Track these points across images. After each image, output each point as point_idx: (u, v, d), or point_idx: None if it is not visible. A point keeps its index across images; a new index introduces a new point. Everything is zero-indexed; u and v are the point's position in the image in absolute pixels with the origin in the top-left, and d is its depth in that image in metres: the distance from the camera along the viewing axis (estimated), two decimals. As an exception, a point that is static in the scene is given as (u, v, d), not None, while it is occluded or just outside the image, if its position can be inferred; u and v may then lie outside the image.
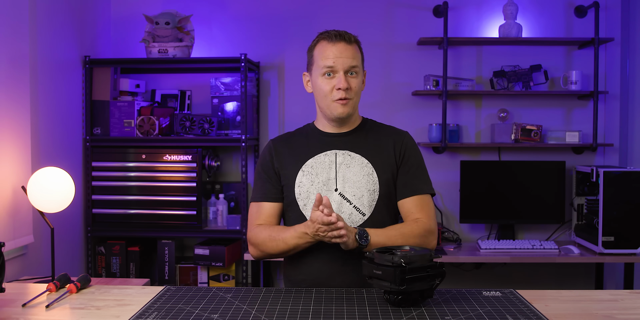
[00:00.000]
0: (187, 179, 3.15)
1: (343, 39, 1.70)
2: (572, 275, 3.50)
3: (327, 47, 1.70)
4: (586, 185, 3.25)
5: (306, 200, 1.73)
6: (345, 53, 1.68)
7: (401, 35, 3.50)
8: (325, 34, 1.72)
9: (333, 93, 1.69)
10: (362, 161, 1.74)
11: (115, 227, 3.19)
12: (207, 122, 3.20)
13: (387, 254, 1.41)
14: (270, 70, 3.55)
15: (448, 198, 3.45)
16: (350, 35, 1.72)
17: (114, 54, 3.53)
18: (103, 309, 1.46)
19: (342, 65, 1.68)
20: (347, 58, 1.68)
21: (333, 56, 1.68)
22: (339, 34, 1.71)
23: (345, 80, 1.68)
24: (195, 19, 3.42)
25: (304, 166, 1.75)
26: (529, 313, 1.37)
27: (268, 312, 1.39)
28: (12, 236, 2.35)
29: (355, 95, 1.71)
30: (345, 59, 1.68)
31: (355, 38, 1.74)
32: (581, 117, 3.48)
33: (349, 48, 1.69)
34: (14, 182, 2.37)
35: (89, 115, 3.20)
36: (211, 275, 3.29)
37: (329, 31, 1.73)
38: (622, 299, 1.53)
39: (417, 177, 1.75)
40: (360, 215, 1.71)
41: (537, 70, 3.38)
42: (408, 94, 3.50)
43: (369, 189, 1.71)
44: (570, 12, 3.47)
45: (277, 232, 1.69)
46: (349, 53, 1.69)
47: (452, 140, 3.41)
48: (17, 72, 2.45)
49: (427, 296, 1.44)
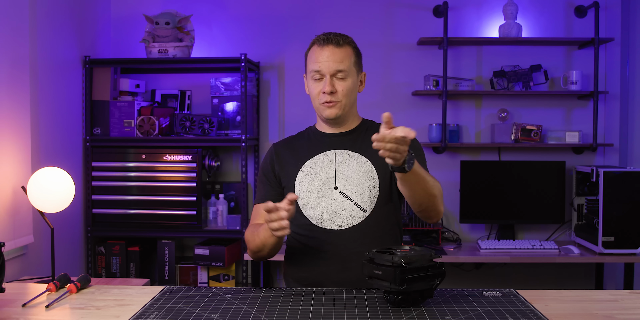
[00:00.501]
0: (187, 179, 3.15)
1: (331, 42, 1.71)
2: (572, 275, 3.50)
3: (315, 51, 1.73)
4: (586, 185, 3.25)
5: (306, 200, 1.75)
6: (332, 57, 1.70)
7: (401, 35, 3.50)
8: (317, 38, 1.75)
9: (320, 96, 1.73)
10: (360, 159, 1.75)
11: (115, 227, 3.19)
12: (207, 122, 3.20)
13: (387, 254, 1.41)
14: (270, 70, 3.55)
15: (448, 198, 3.44)
16: (340, 38, 1.73)
17: (114, 54, 3.53)
18: (103, 309, 1.46)
19: (327, 69, 1.70)
20: (333, 62, 1.70)
21: (320, 60, 1.71)
22: (328, 38, 1.72)
23: (331, 84, 1.70)
24: (195, 19, 3.42)
25: (303, 166, 1.78)
26: (529, 313, 1.37)
27: (268, 312, 1.39)
28: (12, 236, 2.35)
29: (344, 98, 1.72)
30: (332, 63, 1.70)
31: (348, 40, 1.75)
32: (581, 117, 3.48)
33: (336, 51, 1.71)
34: (14, 182, 2.37)
35: (89, 115, 3.20)
36: (211, 275, 3.29)
37: (321, 35, 1.75)
38: (622, 299, 1.53)
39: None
40: (361, 212, 1.72)
41: (537, 70, 3.38)
42: (408, 94, 3.50)
43: (369, 186, 1.73)
44: (570, 12, 3.47)
45: (256, 228, 1.71)
46: (336, 57, 1.70)
47: (452, 140, 3.41)
48: (17, 72, 2.45)
49: (427, 296, 1.44)
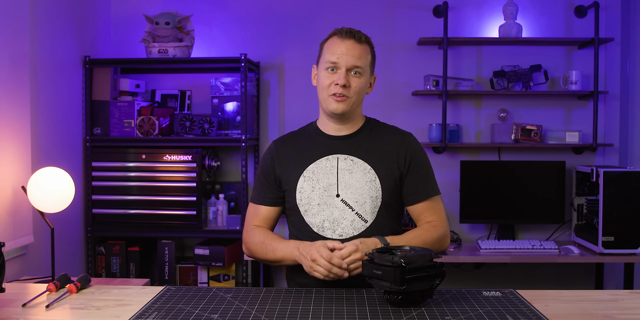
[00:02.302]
0: (187, 179, 3.15)
1: (353, 36, 1.69)
2: (572, 275, 3.50)
3: (335, 43, 1.70)
4: (586, 185, 3.25)
5: (307, 206, 1.73)
6: (352, 51, 1.68)
7: (401, 35, 3.50)
8: (338, 30, 1.73)
9: (330, 87, 1.69)
10: (364, 167, 1.72)
11: (115, 227, 3.19)
12: (207, 122, 3.20)
13: (387, 254, 1.40)
14: (270, 70, 3.55)
15: (448, 198, 3.45)
16: (362, 34, 1.72)
17: (114, 54, 3.53)
18: (103, 309, 1.46)
19: (345, 62, 1.67)
20: (352, 56, 1.68)
21: (339, 52, 1.68)
22: (350, 32, 1.70)
23: (345, 78, 1.67)
24: (195, 19, 3.42)
25: (305, 171, 1.74)
26: (529, 313, 1.37)
27: (268, 312, 1.39)
28: (12, 236, 2.35)
29: (355, 95, 1.69)
30: (350, 57, 1.67)
31: (368, 39, 1.74)
32: (581, 117, 3.48)
33: (357, 47, 1.69)
34: (14, 182, 2.37)
35: (89, 115, 3.20)
36: (211, 275, 3.29)
37: (343, 28, 1.73)
38: (622, 299, 1.53)
39: (425, 181, 1.75)
40: (362, 222, 1.70)
41: (537, 70, 3.38)
42: (408, 94, 3.50)
43: (371, 196, 1.70)
44: (570, 12, 3.47)
45: (270, 240, 1.71)
46: (355, 52, 1.68)
47: (452, 140, 3.41)
48: (17, 72, 2.45)
49: (427, 296, 1.43)
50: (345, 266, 1.51)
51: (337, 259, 1.51)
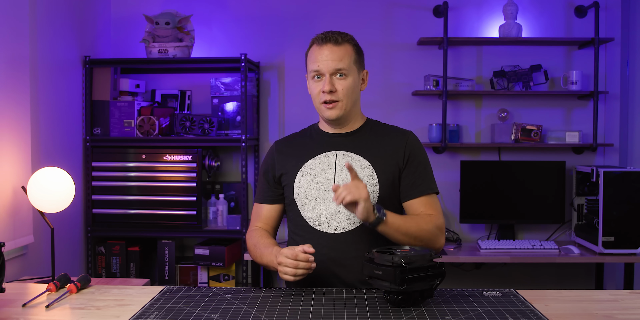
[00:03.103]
0: (187, 179, 3.15)
1: (330, 40, 1.69)
2: (572, 275, 3.50)
3: (315, 51, 1.71)
4: (586, 185, 3.25)
5: (304, 201, 1.74)
6: (331, 55, 1.68)
7: (401, 35, 3.50)
8: (315, 37, 1.73)
9: (320, 95, 1.70)
10: (362, 162, 1.73)
11: (115, 227, 3.19)
12: (207, 122, 3.20)
13: (387, 254, 1.41)
14: (270, 70, 3.55)
15: (448, 198, 3.45)
16: (339, 36, 1.71)
17: (114, 54, 3.53)
18: (103, 309, 1.46)
19: (326, 68, 1.68)
20: (332, 61, 1.67)
21: (320, 59, 1.68)
22: (326, 37, 1.70)
23: (330, 83, 1.67)
24: (195, 19, 3.42)
25: (303, 167, 1.76)
26: (529, 313, 1.37)
27: (268, 312, 1.39)
28: (12, 236, 2.35)
29: (345, 97, 1.69)
30: (331, 62, 1.67)
31: (348, 38, 1.72)
32: (581, 117, 3.48)
33: (335, 49, 1.68)
34: (14, 182, 2.37)
35: (89, 115, 3.20)
36: (211, 275, 3.29)
37: (319, 34, 1.73)
38: (622, 299, 1.53)
39: (423, 178, 1.74)
40: None
41: (537, 70, 3.38)
42: (408, 94, 3.50)
43: (368, 191, 1.71)
44: (570, 12, 3.47)
45: (261, 244, 1.73)
46: (334, 55, 1.68)
47: (452, 140, 3.41)
48: (17, 72, 2.45)
49: (427, 296, 1.44)
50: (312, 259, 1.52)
51: (302, 255, 1.52)
